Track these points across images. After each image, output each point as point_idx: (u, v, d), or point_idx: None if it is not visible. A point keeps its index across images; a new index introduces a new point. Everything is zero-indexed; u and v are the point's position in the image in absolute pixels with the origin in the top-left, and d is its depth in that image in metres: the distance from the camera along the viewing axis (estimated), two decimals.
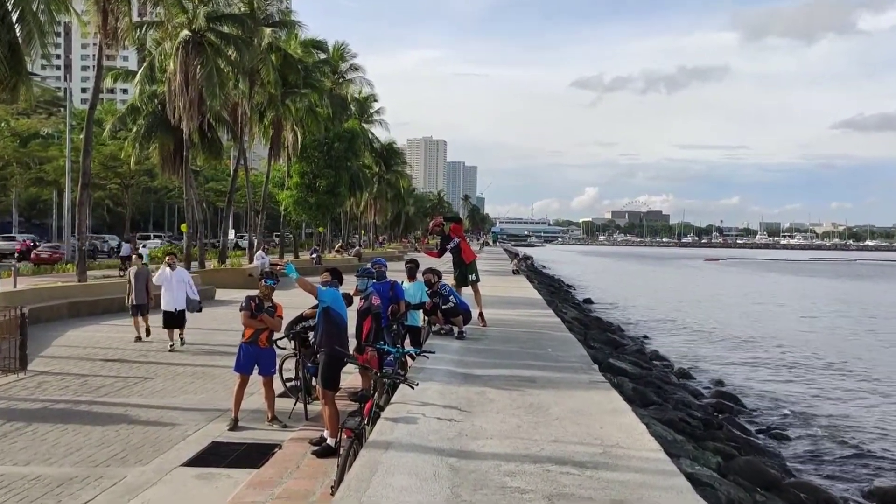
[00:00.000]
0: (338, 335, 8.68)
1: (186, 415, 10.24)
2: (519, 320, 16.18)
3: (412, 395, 8.36)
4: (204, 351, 15.35)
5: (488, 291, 23.86)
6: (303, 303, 9.14)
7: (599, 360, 16.59)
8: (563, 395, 8.87)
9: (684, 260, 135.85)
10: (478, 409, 8.10)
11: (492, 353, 11.71)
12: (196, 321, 18.04)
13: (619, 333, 27.77)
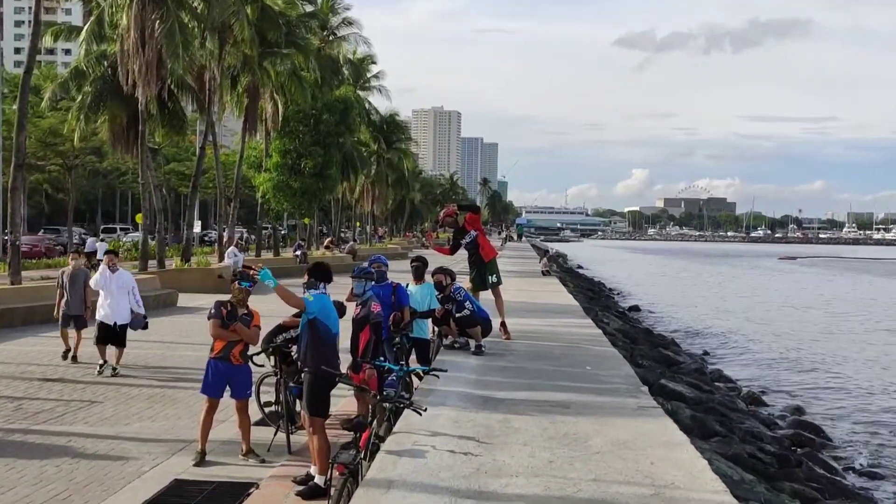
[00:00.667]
0: (325, 351, 8.61)
1: (143, 447, 10.28)
2: (550, 331, 16.15)
3: (419, 423, 8.34)
4: (164, 368, 15.41)
5: (512, 296, 23.76)
6: (285, 309, 9.15)
7: (649, 380, 16.53)
8: (604, 423, 8.85)
9: (753, 259, 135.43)
10: (500, 440, 8.09)
11: (517, 372, 11.70)
12: (155, 332, 18.12)
13: (673, 348, 27.69)
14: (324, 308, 8.65)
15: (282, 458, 9.92)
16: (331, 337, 8.65)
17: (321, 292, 8.81)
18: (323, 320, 8.60)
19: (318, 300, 8.68)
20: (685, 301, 52.15)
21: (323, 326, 8.60)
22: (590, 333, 16.48)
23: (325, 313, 8.63)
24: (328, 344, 8.63)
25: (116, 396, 13.03)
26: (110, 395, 13.14)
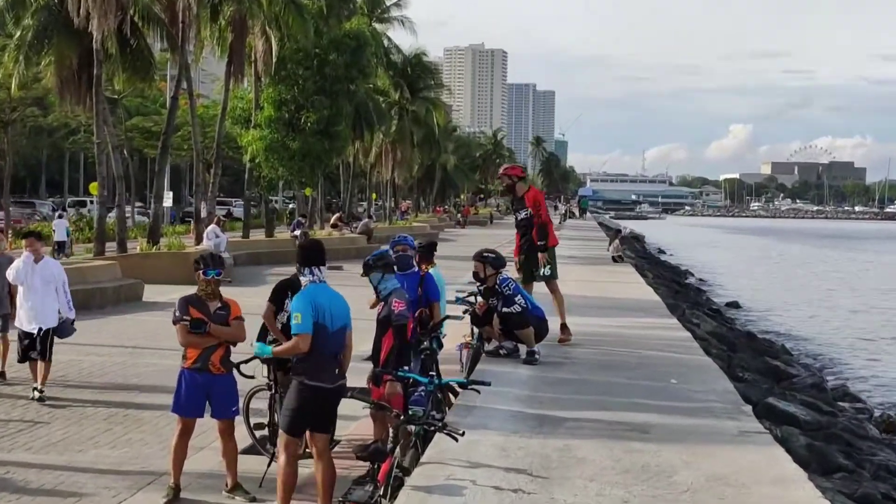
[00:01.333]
0: (318, 361, 8.58)
1: (99, 479, 10.35)
2: (623, 334, 16.08)
3: (455, 451, 8.34)
4: (125, 380, 15.52)
5: (573, 289, 23.60)
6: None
7: (753, 398, 16.43)
8: (695, 452, 8.81)
9: (889, 241, 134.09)
10: (559, 473, 8.07)
11: (580, 386, 11.67)
12: (115, 335, 18.28)
13: (783, 358, 27.51)
14: (315, 308, 8.56)
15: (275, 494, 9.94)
16: (330, 341, 8.58)
17: (312, 280, 8.73)
18: (321, 321, 8.56)
19: (304, 304, 8.55)
20: (800, 297, 51.76)
21: (321, 327, 8.56)
22: (675, 337, 16.40)
23: (319, 312, 8.56)
24: (326, 351, 8.57)
25: (66, 416, 13.14)
26: (58, 413, 13.24)
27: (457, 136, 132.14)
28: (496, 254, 12.87)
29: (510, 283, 12.56)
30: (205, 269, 9.82)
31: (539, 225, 14.40)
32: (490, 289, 12.63)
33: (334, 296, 8.79)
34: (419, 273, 11.63)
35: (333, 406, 8.79)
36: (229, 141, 60.52)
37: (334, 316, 8.64)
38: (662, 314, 19.95)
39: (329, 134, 46.41)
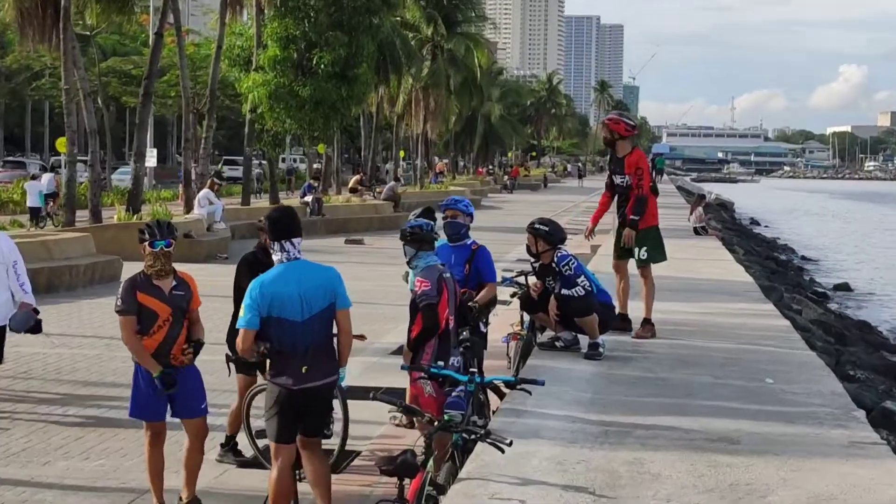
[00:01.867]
0: (279, 358, 8.75)
1: (70, 498, 10.45)
2: (707, 323, 16.03)
3: (501, 465, 8.36)
4: (100, 378, 15.63)
5: None
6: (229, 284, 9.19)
7: (867, 402, 16.36)
8: (795, 467, 8.80)
9: None
10: (628, 492, 8.09)
11: (655, 387, 11.68)
12: (87, 324, 18.40)
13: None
14: (269, 299, 8.65)
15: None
16: (289, 330, 8.68)
17: (283, 259, 8.80)
18: (267, 313, 8.64)
19: (250, 295, 8.68)
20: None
21: (269, 321, 8.66)
22: (771, 326, 16.35)
23: (276, 303, 8.65)
24: (280, 344, 8.73)
25: (30, 422, 13.24)
26: (20, 418, 13.35)
27: (503, 80, 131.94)
28: (552, 225, 12.80)
29: (571, 261, 12.51)
30: (151, 240, 9.59)
31: (637, 197, 14.20)
32: (545, 267, 12.61)
33: (312, 275, 8.85)
34: (469, 246, 11.66)
35: (308, 409, 8.89)
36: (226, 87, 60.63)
37: (308, 300, 8.70)
38: (755, 298, 19.87)
39: (347, 78, 46.34)
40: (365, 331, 16.82)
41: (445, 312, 9.75)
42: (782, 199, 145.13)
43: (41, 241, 26.07)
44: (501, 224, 46.07)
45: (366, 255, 35.67)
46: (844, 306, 37.39)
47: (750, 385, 11.93)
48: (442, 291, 9.74)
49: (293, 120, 47.04)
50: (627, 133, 14.32)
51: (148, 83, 40.81)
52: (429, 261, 9.91)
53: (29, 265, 22.69)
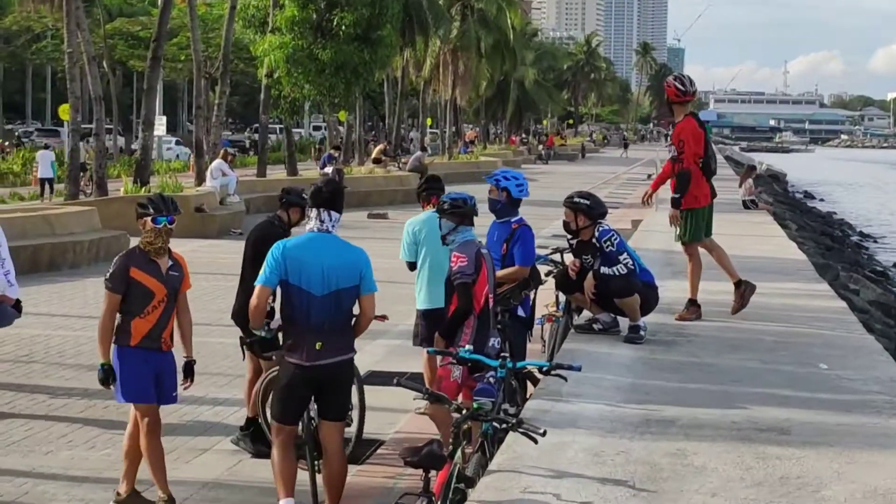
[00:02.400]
0: (292, 331, 9.05)
1: (74, 489, 10.50)
2: (756, 303, 15.94)
3: (534, 457, 8.37)
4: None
5: None
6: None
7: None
8: (850, 459, 8.77)
9: None
10: (672, 486, 8.08)
11: (699, 373, 11.66)
12: (92, 302, 18.43)
13: None
14: (291, 262, 8.92)
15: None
16: (306, 302, 8.90)
17: (314, 228, 9.08)
18: (286, 278, 8.95)
19: (272, 253, 8.96)
20: None
21: (288, 287, 8.96)
22: (825, 308, 16.29)
23: (295, 269, 8.90)
24: (295, 314, 8.98)
25: (30, 408, 13.31)
26: (20, 405, 13.42)
27: (538, 43, 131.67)
28: (593, 198, 12.74)
29: (613, 237, 12.43)
30: (155, 215, 9.70)
31: (679, 173, 14.13)
32: (584, 243, 12.55)
33: (339, 251, 9.08)
34: (510, 224, 11.64)
35: (324, 389, 9.14)
36: (240, 50, 60.67)
37: (330, 275, 8.91)
38: (809, 278, 19.80)
39: (369, 40, 46.32)
40: (389, 312, 16.81)
41: (484, 291, 9.74)
42: (839, 170, 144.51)
43: (42, 215, 26.17)
44: (535, 197, 45.94)
45: (390, 230, 35.50)
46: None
47: (802, 371, 11.87)
48: (480, 268, 9.73)
49: (312, 85, 47.01)
50: (677, 98, 14.20)
51: (157, 46, 40.82)
52: (466, 236, 9.95)
53: (30, 241, 23.09)
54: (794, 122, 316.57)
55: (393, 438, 12.09)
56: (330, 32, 45.70)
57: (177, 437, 12.11)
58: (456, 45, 76.30)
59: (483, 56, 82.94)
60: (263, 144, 52.97)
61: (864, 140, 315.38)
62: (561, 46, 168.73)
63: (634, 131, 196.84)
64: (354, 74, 46.97)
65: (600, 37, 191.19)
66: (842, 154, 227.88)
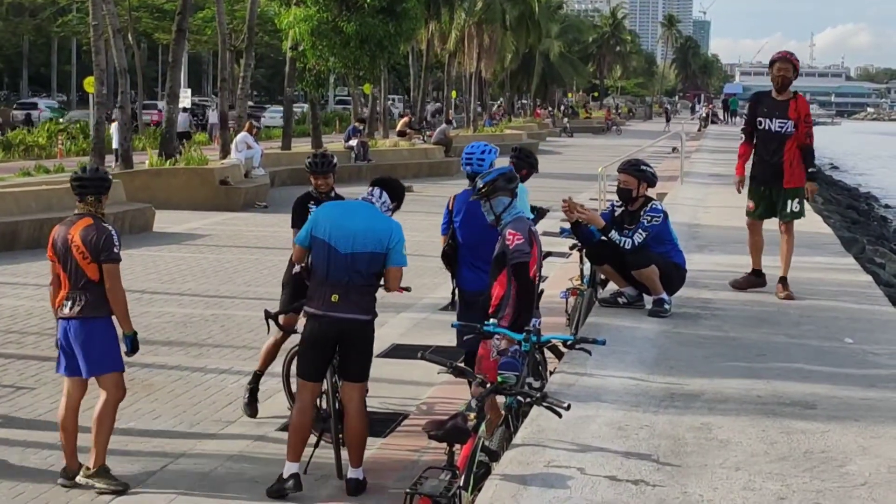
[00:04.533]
0: (313, 282, 9.75)
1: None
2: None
3: (558, 431, 8.40)
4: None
5: (716, 218, 23.65)
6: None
7: None
8: (876, 434, 8.77)
9: None
10: (695, 460, 8.09)
11: (724, 347, 11.64)
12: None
13: None
14: (323, 221, 9.72)
15: (329, 482, 10.12)
16: (328, 256, 9.57)
17: (362, 198, 9.99)
18: (316, 234, 9.66)
19: (312, 215, 10.04)
20: None
21: (316, 242, 9.66)
22: (851, 282, 16.22)
23: (324, 225, 9.65)
24: (316, 265, 9.71)
25: (56, 379, 13.30)
26: (46, 376, 13.47)
27: (563, 15, 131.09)
28: (653, 168, 12.80)
29: (659, 215, 12.38)
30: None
31: (810, 148, 14.33)
32: (633, 214, 12.47)
33: (373, 218, 9.72)
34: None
35: (343, 345, 9.71)
36: (265, 23, 60.66)
37: (357, 237, 9.53)
38: (834, 251, 19.73)
39: (395, 13, 46.18)
40: (414, 284, 16.88)
41: (534, 269, 9.63)
42: (865, 142, 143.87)
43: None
44: (559, 170, 45.98)
45: (415, 203, 35.46)
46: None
47: (827, 345, 11.83)
48: (532, 246, 9.64)
49: (337, 58, 46.84)
50: (797, 74, 14.30)
51: (182, 18, 40.83)
52: (516, 212, 9.71)
53: (56, 213, 23.11)
54: (820, 95, 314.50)
55: (417, 412, 12.11)
56: (355, 5, 45.56)
57: (202, 409, 12.19)
58: (481, 17, 76.20)
59: (508, 28, 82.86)
60: (289, 117, 52.95)
61: (890, 113, 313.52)
62: (586, 19, 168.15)
63: (660, 104, 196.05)
64: (379, 47, 46.82)
65: (625, 9, 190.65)
66: (868, 127, 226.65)
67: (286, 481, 9.55)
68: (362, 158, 44.20)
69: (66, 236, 9.80)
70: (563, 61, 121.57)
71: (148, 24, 77.59)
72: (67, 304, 9.89)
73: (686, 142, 41.86)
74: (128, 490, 9.87)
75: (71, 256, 9.75)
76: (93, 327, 9.87)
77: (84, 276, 9.77)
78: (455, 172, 47.03)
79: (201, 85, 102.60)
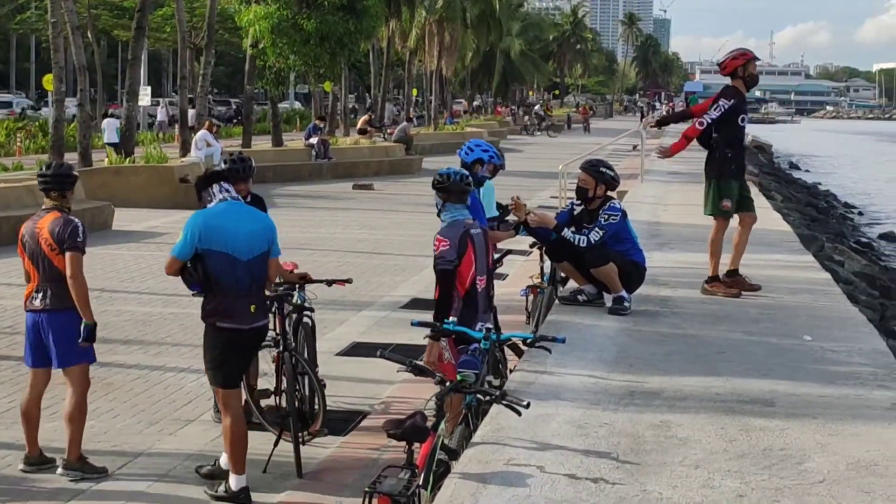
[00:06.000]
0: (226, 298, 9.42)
1: (58, 461, 10.48)
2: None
3: (518, 429, 8.40)
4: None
5: (676, 216, 23.71)
6: None
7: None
8: (834, 432, 8.80)
9: None
10: (655, 458, 8.10)
11: (684, 345, 11.66)
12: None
13: None
14: (210, 231, 9.38)
15: (288, 482, 10.09)
16: (233, 267, 9.37)
17: (224, 198, 9.67)
18: (209, 247, 9.37)
19: (188, 224, 9.51)
20: None
21: (212, 255, 9.37)
22: (810, 279, 16.29)
23: (215, 236, 9.38)
24: (225, 281, 9.40)
25: (13, 379, 13.26)
26: (2, 376, 13.39)
27: (524, 13, 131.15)
28: (614, 171, 12.79)
29: (617, 214, 12.40)
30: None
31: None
32: (591, 213, 12.48)
33: (254, 218, 9.72)
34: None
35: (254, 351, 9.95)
36: (225, 20, 60.46)
37: (252, 242, 9.50)
38: (793, 249, 19.81)
39: (355, 10, 46.11)
40: (374, 283, 16.89)
41: (469, 274, 9.57)
42: (824, 141, 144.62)
43: (26, 185, 26.02)
44: (522, 169, 45.97)
45: (375, 201, 35.65)
46: (891, 257, 37.27)
47: (786, 342, 11.86)
48: (465, 252, 9.50)
49: (297, 56, 46.75)
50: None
51: (141, 16, 40.63)
52: (455, 215, 9.63)
53: (14, 212, 22.99)
54: (780, 93, 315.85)
55: (376, 411, 12.09)
56: (315, 2, 45.46)
57: (161, 408, 12.14)
58: (442, 15, 76.08)
59: (469, 26, 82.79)
60: (249, 115, 52.82)
61: (849, 112, 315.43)
62: (547, 17, 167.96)
63: (620, 102, 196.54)
64: (339, 45, 46.76)
65: (586, 7, 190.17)
66: (827, 125, 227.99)
67: (237, 495, 9.45)
68: (323, 157, 44.13)
69: (35, 230, 9.93)
70: (524, 59, 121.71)
71: (107, 21, 77.22)
72: (37, 296, 10.00)
73: (646, 140, 41.92)
74: (107, 474, 10.03)
75: (40, 249, 9.85)
76: (64, 319, 10.01)
77: (53, 268, 9.88)
78: (416, 171, 47.04)
79: (161, 83, 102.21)
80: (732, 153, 14.19)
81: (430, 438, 7.66)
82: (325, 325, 14.80)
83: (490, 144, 11.99)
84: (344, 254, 22.12)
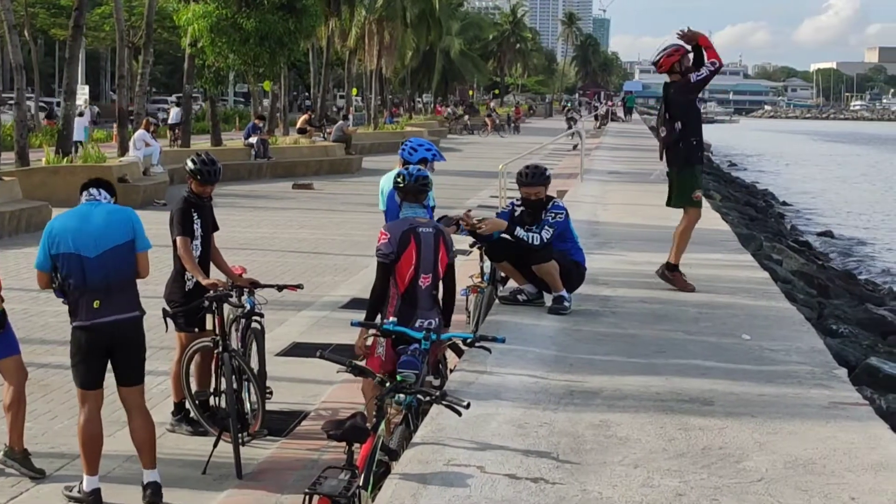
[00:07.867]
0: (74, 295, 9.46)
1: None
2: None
3: (458, 429, 8.42)
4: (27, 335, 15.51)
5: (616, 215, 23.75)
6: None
7: (850, 359, 16.46)
8: (772, 430, 8.86)
9: None
10: (595, 457, 8.13)
11: (623, 344, 11.71)
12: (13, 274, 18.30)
13: (892, 305, 27.52)
14: (56, 236, 9.43)
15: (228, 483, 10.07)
16: (82, 265, 9.37)
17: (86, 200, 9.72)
18: (58, 251, 9.41)
19: (43, 237, 9.54)
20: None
21: (61, 257, 9.42)
22: (748, 278, 16.38)
23: (61, 239, 9.39)
24: (74, 280, 9.41)
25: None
26: None
27: (463, 13, 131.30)
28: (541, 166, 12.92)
29: (562, 212, 12.49)
30: None
31: None
32: (534, 214, 12.49)
33: (107, 213, 9.59)
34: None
35: (114, 350, 9.56)
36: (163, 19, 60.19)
37: (100, 238, 9.40)
38: (732, 248, 19.90)
39: (294, 10, 46.02)
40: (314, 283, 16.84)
41: (408, 271, 9.58)
42: (762, 140, 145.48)
43: None
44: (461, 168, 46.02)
45: (315, 200, 35.58)
46: (828, 256, 37.53)
47: (725, 342, 11.94)
48: (405, 249, 9.49)
49: (236, 55, 46.60)
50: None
51: (79, 15, 40.30)
52: (408, 213, 9.74)
53: None
54: (718, 93, 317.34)
55: (317, 411, 12.06)
56: (254, 2, 45.40)
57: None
58: (381, 14, 76.02)
59: (409, 26, 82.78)
60: (188, 115, 52.55)
61: (787, 111, 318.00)
62: (486, 16, 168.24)
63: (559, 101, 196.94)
64: (279, 44, 46.66)
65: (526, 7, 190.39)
66: (765, 125, 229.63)
67: (88, 496, 9.42)
68: (262, 156, 44.04)
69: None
70: (464, 59, 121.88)
71: (45, 20, 76.55)
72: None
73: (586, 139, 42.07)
74: (45, 476, 10.01)
75: None
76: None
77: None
78: (356, 170, 47.02)
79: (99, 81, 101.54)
80: (696, 140, 14.41)
81: (371, 439, 7.67)
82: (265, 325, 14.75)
83: (431, 143, 12.01)
84: (284, 253, 22.11)
